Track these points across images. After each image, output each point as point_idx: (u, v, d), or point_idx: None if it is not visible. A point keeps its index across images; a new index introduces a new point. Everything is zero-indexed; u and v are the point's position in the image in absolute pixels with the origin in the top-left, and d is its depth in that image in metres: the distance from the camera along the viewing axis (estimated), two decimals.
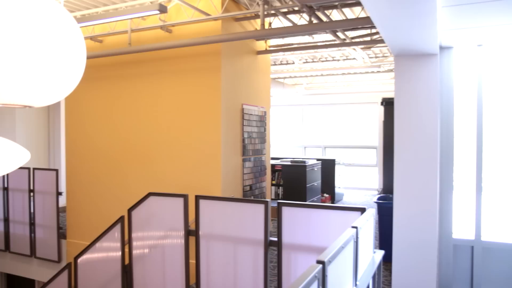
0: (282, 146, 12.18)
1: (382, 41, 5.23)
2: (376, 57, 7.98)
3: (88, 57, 2.80)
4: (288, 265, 3.24)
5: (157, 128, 5.25)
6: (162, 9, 4.18)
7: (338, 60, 8.36)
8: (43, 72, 1.22)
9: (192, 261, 3.71)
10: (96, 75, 5.71)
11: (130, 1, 5.09)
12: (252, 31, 5.12)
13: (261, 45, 5.92)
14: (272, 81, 8.06)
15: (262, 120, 5.86)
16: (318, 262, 1.65)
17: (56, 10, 1.27)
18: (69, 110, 6.09)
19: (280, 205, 3.22)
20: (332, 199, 8.74)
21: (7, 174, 6.49)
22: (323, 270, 1.65)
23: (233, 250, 3.45)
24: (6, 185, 6.55)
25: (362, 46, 6.71)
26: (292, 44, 6.69)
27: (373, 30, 5.36)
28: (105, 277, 4.10)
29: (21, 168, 6.07)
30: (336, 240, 1.96)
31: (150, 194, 3.74)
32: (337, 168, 8.99)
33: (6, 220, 6.55)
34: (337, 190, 8.96)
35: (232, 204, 3.41)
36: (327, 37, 6.46)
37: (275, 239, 3.29)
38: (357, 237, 2.20)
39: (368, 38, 5.58)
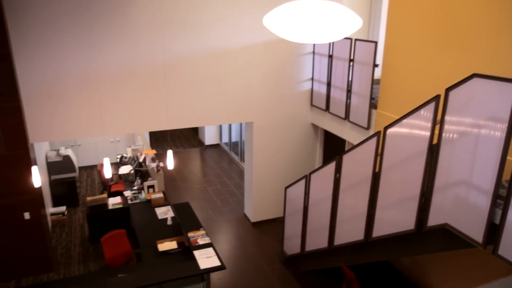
0: None
1: None
2: None
3: None
4: None
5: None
6: None
7: None
8: None
9: (510, 158, 3.31)
10: None
11: None
12: None
13: None
14: None
15: None
16: None
17: None
18: None
19: None
20: None
21: (333, 43, 7.10)
22: None
23: None
24: (331, 53, 7.24)
25: None
26: None
27: None
28: (409, 152, 4.18)
29: (345, 38, 6.51)
30: None
31: (474, 76, 3.38)
32: None
33: (329, 84, 7.39)
34: None
35: None
36: None
37: None
38: None
39: None
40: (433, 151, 3.90)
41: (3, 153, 6.13)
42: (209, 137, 14.10)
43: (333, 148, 8.34)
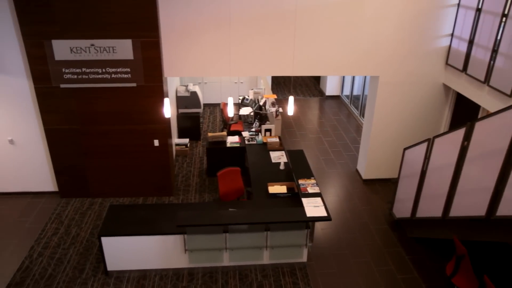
0: None
1: None
2: None
3: None
4: None
5: None
6: None
7: None
8: None
9: None
10: None
11: None
12: None
13: None
14: None
15: None
16: None
17: None
18: None
19: None
20: None
21: None
22: None
23: None
24: (480, 6, 6.41)
25: None
26: None
27: None
28: None
29: None
30: None
31: None
32: None
33: (471, 42, 6.62)
34: None
35: None
36: None
37: None
38: None
39: None
40: None
41: (142, 84, 6.75)
42: (330, 88, 13.84)
43: (464, 114, 7.61)
